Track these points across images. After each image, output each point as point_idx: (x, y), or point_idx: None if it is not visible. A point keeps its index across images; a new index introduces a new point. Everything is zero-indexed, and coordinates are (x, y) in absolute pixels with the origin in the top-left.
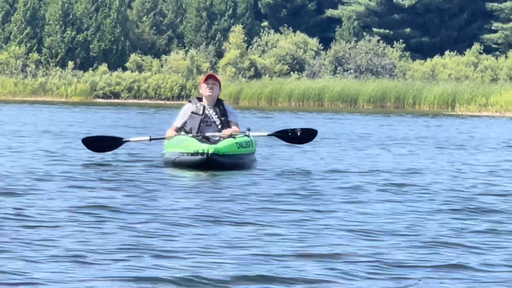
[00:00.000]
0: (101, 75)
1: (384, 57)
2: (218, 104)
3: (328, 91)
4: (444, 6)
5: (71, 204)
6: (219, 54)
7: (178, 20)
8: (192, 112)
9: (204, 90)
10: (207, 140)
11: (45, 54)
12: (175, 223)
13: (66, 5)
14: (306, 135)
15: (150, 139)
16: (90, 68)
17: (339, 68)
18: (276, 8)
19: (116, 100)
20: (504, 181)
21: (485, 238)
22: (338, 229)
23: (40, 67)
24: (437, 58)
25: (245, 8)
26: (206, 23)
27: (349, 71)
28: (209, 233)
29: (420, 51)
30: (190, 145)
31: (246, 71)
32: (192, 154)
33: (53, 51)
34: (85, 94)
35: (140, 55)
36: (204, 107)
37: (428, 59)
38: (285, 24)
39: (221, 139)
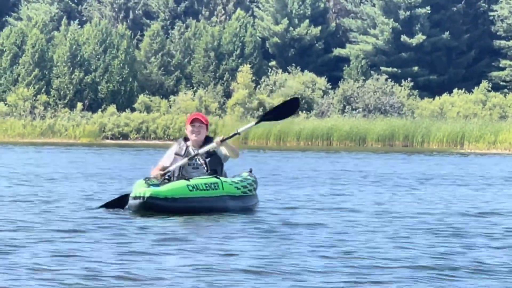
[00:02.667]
0: (110, 116)
1: (392, 96)
2: (205, 144)
3: (336, 130)
4: (452, 44)
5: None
6: (227, 94)
7: (186, 60)
8: (176, 153)
9: (190, 133)
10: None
11: (54, 96)
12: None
13: (74, 46)
14: (290, 105)
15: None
16: (99, 109)
17: (347, 107)
18: (284, 47)
19: (124, 141)
20: None
21: None
22: None
23: (49, 108)
24: (445, 96)
25: (253, 48)
26: (214, 63)
27: (357, 110)
28: None
29: (428, 89)
30: (134, 189)
31: (255, 111)
32: (134, 198)
33: (62, 92)
34: (93, 135)
35: (148, 96)
36: (187, 147)
37: (437, 97)
38: (293, 64)
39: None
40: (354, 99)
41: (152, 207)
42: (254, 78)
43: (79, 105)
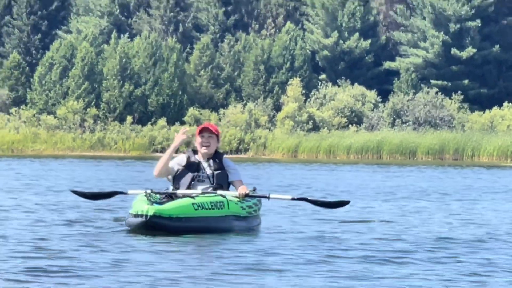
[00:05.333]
0: (160, 130)
1: (442, 109)
2: (215, 157)
3: (386, 143)
4: (502, 57)
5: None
6: (277, 107)
7: (235, 73)
8: (184, 166)
9: (199, 145)
10: (189, 197)
11: (103, 109)
12: None
13: (124, 59)
14: (336, 204)
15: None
16: (149, 123)
17: (397, 120)
18: (334, 60)
19: (174, 154)
20: None
21: None
22: None
23: (98, 122)
24: (495, 110)
25: (303, 61)
26: (263, 77)
27: (407, 123)
28: None
29: (479, 103)
30: (135, 205)
31: (304, 124)
32: (135, 216)
33: (111, 105)
34: (143, 148)
35: (198, 109)
36: (199, 162)
37: (487, 111)
38: (343, 77)
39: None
40: (404, 112)
41: (155, 226)
42: (304, 91)
43: (129, 118)
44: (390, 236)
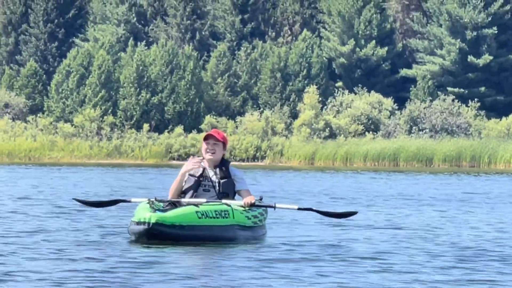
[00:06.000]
0: (176, 137)
1: (459, 116)
2: (221, 165)
3: (403, 151)
4: None
5: None
6: (294, 115)
7: (252, 81)
8: (190, 174)
9: (204, 151)
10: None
11: (120, 117)
12: None
13: (141, 67)
14: (344, 215)
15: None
16: (166, 130)
17: (414, 127)
18: (350, 68)
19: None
20: None
21: None
22: None
23: (115, 129)
24: None
25: (320, 69)
26: (280, 84)
27: (424, 131)
28: None
29: (495, 110)
30: (137, 213)
31: (321, 132)
32: (137, 223)
33: (128, 113)
34: (160, 156)
35: (215, 117)
36: (204, 169)
37: (504, 118)
38: (359, 84)
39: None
40: (421, 120)
41: (158, 234)
42: (320, 98)
43: (146, 126)
44: (411, 244)
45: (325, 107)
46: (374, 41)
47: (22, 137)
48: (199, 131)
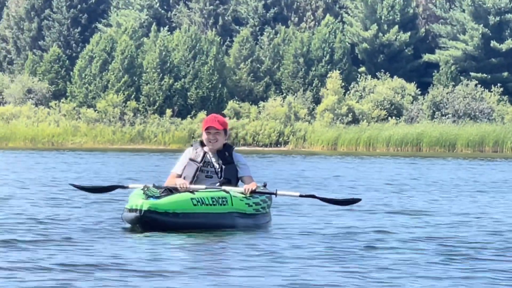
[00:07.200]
0: (199, 123)
1: (482, 102)
2: (224, 150)
3: (426, 136)
4: None
5: None
6: (317, 100)
7: (275, 66)
8: (190, 159)
9: (206, 141)
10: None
11: (143, 102)
12: None
13: (164, 53)
14: (347, 202)
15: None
16: (188, 116)
17: (437, 112)
18: (373, 53)
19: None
20: None
21: None
22: None
23: (138, 115)
24: None
25: (342, 54)
26: (303, 69)
27: (447, 116)
28: None
29: None
30: (130, 199)
31: (344, 117)
32: (130, 210)
33: (151, 99)
34: (183, 141)
35: (238, 102)
36: (204, 153)
37: None
38: (382, 70)
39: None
40: (444, 105)
41: (150, 222)
42: (343, 84)
43: (169, 111)
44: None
45: (348, 92)
46: (397, 26)
47: (45, 123)
48: (222, 116)
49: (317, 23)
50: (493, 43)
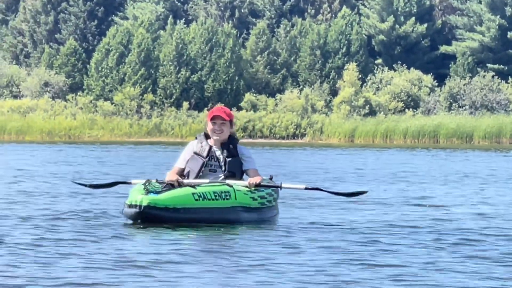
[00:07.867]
0: None
1: (499, 93)
2: (228, 143)
3: (443, 127)
4: None
5: None
6: (333, 92)
7: (292, 59)
8: (195, 153)
9: (211, 132)
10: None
11: (160, 95)
12: None
13: (180, 45)
14: (353, 194)
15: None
16: (205, 108)
17: (454, 104)
18: (390, 45)
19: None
20: None
21: None
22: None
23: (155, 107)
24: None
25: (359, 46)
26: (320, 62)
27: (464, 107)
28: None
29: None
30: (130, 195)
31: (361, 109)
32: (129, 206)
33: (168, 91)
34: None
35: (254, 95)
36: (210, 147)
37: None
38: (399, 61)
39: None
40: (461, 97)
41: (150, 217)
42: (360, 76)
43: (185, 104)
44: (446, 222)
45: (365, 84)
46: (413, 18)
47: (62, 116)
48: (239, 109)
49: (333, 15)
50: (510, 34)
